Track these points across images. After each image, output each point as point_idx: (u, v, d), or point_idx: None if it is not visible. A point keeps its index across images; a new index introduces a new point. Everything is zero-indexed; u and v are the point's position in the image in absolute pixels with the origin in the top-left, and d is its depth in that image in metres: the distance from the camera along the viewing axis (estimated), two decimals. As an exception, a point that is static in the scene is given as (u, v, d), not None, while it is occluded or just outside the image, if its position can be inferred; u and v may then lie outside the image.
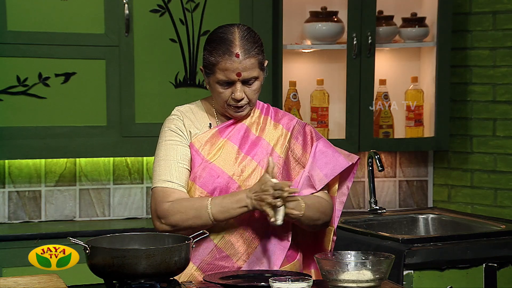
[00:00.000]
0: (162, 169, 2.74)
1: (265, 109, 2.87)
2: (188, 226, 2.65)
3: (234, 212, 2.64)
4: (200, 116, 2.83)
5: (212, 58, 2.70)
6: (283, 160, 2.78)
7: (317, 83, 4.42)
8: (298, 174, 2.81)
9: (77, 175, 4.24)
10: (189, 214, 2.65)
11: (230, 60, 2.68)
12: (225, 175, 2.72)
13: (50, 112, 3.97)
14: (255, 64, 2.71)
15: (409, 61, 4.60)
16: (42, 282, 2.51)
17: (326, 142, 2.87)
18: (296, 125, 2.86)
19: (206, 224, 2.65)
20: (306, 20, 4.39)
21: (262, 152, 2.77)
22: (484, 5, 4.46)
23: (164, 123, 2.82)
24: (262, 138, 2.80)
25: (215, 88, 2.74)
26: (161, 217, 2.69)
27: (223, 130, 2.79)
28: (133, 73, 4.06)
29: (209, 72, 2.73)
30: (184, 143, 2.77)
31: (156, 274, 2.35)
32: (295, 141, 2.83)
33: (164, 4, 4.08)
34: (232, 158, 2.75)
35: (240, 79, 2.69)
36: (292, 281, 2.29)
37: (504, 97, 4.42)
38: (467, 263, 3.53)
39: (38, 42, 3.93)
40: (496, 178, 4.45)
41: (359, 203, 4.63)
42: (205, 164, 2.73)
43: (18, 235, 3.87)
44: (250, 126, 2.81)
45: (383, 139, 4.45)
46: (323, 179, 2.80)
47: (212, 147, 2.76)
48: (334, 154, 2.84)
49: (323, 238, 2.87)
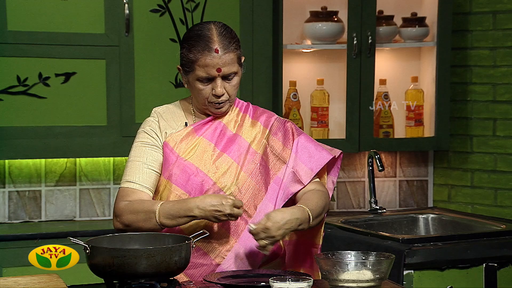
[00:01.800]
0: (128, 170, 2.77)
1: (244, 107, 2.88)
2: (138, 227, 2.66)
3: (181, 220, 2.63)
4: (177, 115, 2.84)
5: (191, 55, 2.71)
6: (260, 156, 2.78)
7: (317, 83, 4.42)
8: (279, 170, 2.80)
9: (77, 175, 4.24)
10: (139, 216, 2.67)
11: (210, 56, 2.69)
12: (200, 172, 2.72)
13: (50, 112, 3.97)
14: (234, 59, 2.73)
15: (409, 61, 4.60)
16: (42, 282, 2.51)
17: (307, 137, 2.87)
18: (275, 121, 2.86)
19: (155, 228, 2.65)
20: (306, 20, 4.39)
21: (238, 149, 2.78)
22: (484, 5, 4.46)
23: (142, 124, 2.85)
24: (239, 136, 2.80)
25: (195, 86, 2.75)
26: (116, 215, 2.72)
27: (199, 128, 2.80)
28: (133, 73, 4.06)
29: (188, 70, 2.74)
30: (155, 146, 2.78)
31: (156, 274, 2.35)
32: (275, 137, 2.83)
33: (164, 4, 4.08)
34: (208, 155, 2.75)
35: (220, 74, 2.71)
36: (292, 281, 2.29)
37: (504, 97, 4.42)
38: (467, 263, 3.53)
39: (38, 42, 3.93)
40: (496, 178, 4.45)
41: (359, 203, 4.63)
42: (179, 162, 2.74)
43: (18, 235, 3.87)
44: (227, 123, 2.82)
45: (383, 139, 4.45)
46: (308, 172, 2.80)
47: (187, 145, 2.76)
48: (316, 148, 2.84)
49: (311, 232, 2.85)
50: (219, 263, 2.69)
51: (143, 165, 2.76)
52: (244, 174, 2.74)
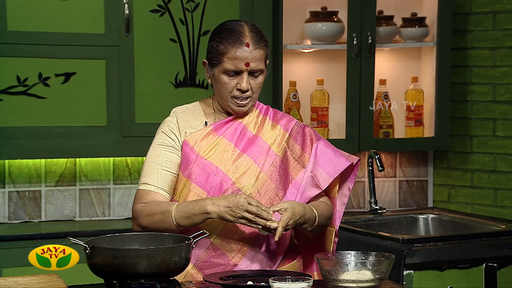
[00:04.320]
0: (144, 172, 2.78)
1: (264, 109, 2.88)
2: (155, 228, 2.67)
3: (196, 218, 2.63)
4: (197, 115, 2.84)
5: (221, 46, 2.71)
6: (280, 158, 2.78)
7: (317, 83, 4.42)
8: (298, 173, 2.81)
9: (77, 175, 4.24)
10: (155, 218, 2.67)
11: (241, 49, 2.70)
12: (220, 171, 2.72)
13: (50, 112, 3.97)
14: (263, 56, 2.74)
15: (409, 61, 4.60)
16: (42, 282, 2.51)
17: (326, 143, 2.88)
18: (295, 126, 2.87)
19: (172, 229, 2.65)
20: (306, 20, 4.39)
21: (258, 150, 2.77)
22: (484, 5, 4.46)
23: (161, 125, 2.85)
24: (259, 137, 2.80)
25: (220, 79, 2.74)
26: (134, 218, 2.74)
27: (219, 128, 2.80)
28: (133, 73, 4.06)
29: (215, 63, 2.74)
30: (172, 147, 2.78)
31: (156, 274, 2.35)
32: (294, 142, 2.84)
33: (164, 4, 4.08)
34: (228, 155, 2.75)
35: (248, 69, 2.71)
36: (292, 281, 2.29)
37: (504, 97, 4.42)
38: (467, 263, 3.53)
39: (38, 42, 3.93)
40: (496, 178, 4.45)
41: (359, 203, 4.63)
42: (199, 160, 2.73)
43: (18, 235, 3.87)
44: (247, 124, 2.82)
45: (383, 139, 4.45)
46: (327, 178, 2.80)
47: (207, 144, 2.76)
48: (335, 154, 2.85)
49: (324, 239, 2.87)
50: (237, 263, 2.70)
51: (158, 166, 2.76)
52: (264, 175, 2.74)
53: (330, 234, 2.86)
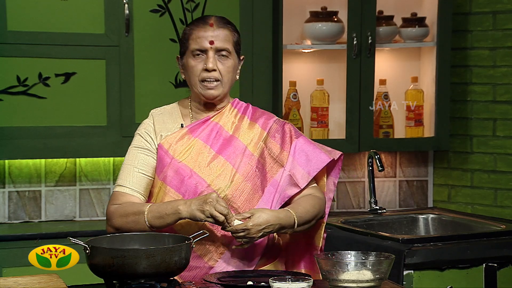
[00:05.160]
0: (121, 174, 2.80)
1: (243, 108, 2.87)
2: (128, 229, 2.67)
3: (168, 218, 2.63)
4: (174, 117, 2.85)
5: (187, 29, 2.80)
6: (256, 158, 2.77)
7: (317, 83, 4.42)
8: (276, 172, 2.80)
9: (77, 175, 4.24)
10: (128, 219, 2.68)
11: (204, 29, 2.76)
12: (195, 174, 2.72)
13: (50, 112, 3.97)
14: (229, 37, 2.77)
15: (409, 61, 4.60)
16: (42, 282, 2.51)
17: (306, 140, 2.86)
18: (273, 124, 2.85)
19: (145, 230, 2.65)
20: (306, 20, 4.39)
21: (234, 151, 2.77)
22: (484, 5, 4.46)
23: (138, 127, 2.86)
24: (236, 137, 2.80)
25: (188, 64, 2.78)
26: (107, 219, 2.75)
27: (194, 129, 2.79)
28: (133, 73, 4.06)
29: (184, 50, 2.79)
30: (147, 149, 2.79)
31: (156, 274, 2.35)
32: (273, 140, 2.82)
33: (164, 4, 4.08)
34: (203, 157, 2.75)
35: (212, 47, 2.74)
36: (292, 281, 2.29)
37: (504, 97, 4.42)
38: (467, 263, 3.53)
39: (38, 42, 3.93)
40: (496, 178, 4.45)
41: (359, 203, 4.63)
42: (174, 163, 2.73)
43: (18, 235, 3.87)
44: (223, 124, 2.81)
45: (383, 139, 4.45)
46: (305, 176, 2.79)
47: (182, 147, 2.76)
48: (314, 151, 2.83)
49: (314, 235, 2.85)
50: (212, 266, 2.69)
51: (134, 169, 2.77)
52: (239, 176, 2.73)
53: (320, 229, 2.84)
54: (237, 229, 2.58)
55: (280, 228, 2.66)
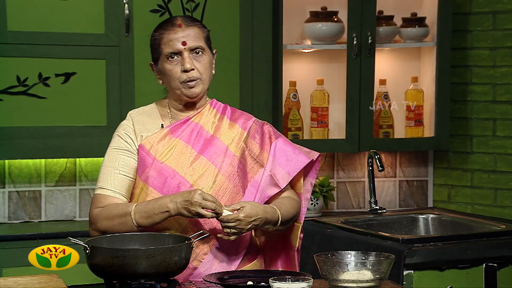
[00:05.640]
0: (101, 177, 2.78)
1: (221, 108, 2.87)
2: (115, 231, 2.66)
3: (156, 217, 2.63)
4: (153, 117, 2.84)
5: (156, 35, 2.78)
6: (238, 159, 2.77)
7: (317, 83, 4.42)
8: (256, 173, 2.80)
9: (77, 175, 4.24)
10: (114, 221, 2.67)
11: (173, 31, 2.75)
12: (177, 174, 2.71)
13: (50, 112, 3.97)
14: (200, 34, 2.77)
15: (409, 61, 4.60)
16: (42, 282, 2.51)
17: (285, 140, 2.87)
18: (253, 124, 2.86)
19: (132, 230, 2.64)
20: (306, 20, 4.39)
21: (215, 151, 2.77)
22: (484, 5, 4.46)
23: (117, 128, 2.85)
24: (217, 137, 2.79)
25: (165, 68, 2.77)
26: (91, 223, 2.73)
27: (175, 130, 2.79)
28: (133, 73, 4.06)
29: (157, 56, 2.78)
30: (128, 150, 2.78)
31: (156, 274, 2.35)
32: (253, 140, 2.83)
33: (164, 4, 4.08)
34: (185, 157, 2.75)
35: (186, 47, 2.73)
36: (292, 281, 2.29)
37: (504, 97, 4.42)
38: (467, 263, 3.53)
39: (38, 42, 3.93)
40: (496, 178, 4.45)
41: (359, 203, 4.63)
42: (156, 164, 2.73)
43: (18, 235, 3.87)
44: (204, 125, 2.81)
45: (383, 139, 4.45)
46: (285, 176, 2.80)
47: (164, 147, 2.76)
48: (294, 151, 2.85)
49: (290, 235, 2.87)
50: (196, 266, 2.69)
51: (115, 170, 2.75)
52: (222, 176, 2.73)
53: (296, 229, 2.85)
54: (229, 219, 2.58)
55: (265, 223, 2.67)
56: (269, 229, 2.71)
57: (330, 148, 4.41)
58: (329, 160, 4.58)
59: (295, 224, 2.85)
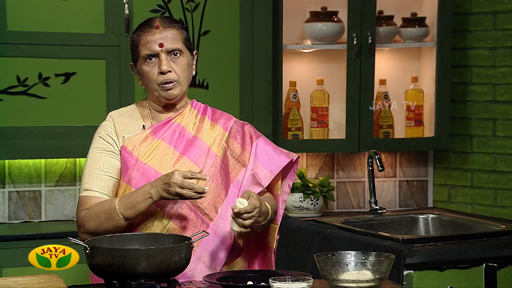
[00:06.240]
0: (85, 178, 2.78)
1: (202, 109, 2.88)
2: (104, 230, 2.66)
3: (140, 206, 2.64)
4: (134, 118, 2.84)
5: (134, 36, 2.78)
6: (220, 159, 2.78)
7: (317, 83, 4.42)
8: (238, 173, 2.81)
9: (77, 175, 4.24)
10: (101, 218, 2.67)
11: (151, 32, 2.74)
12: (160, 175, 2.71)
13: (50, 112, 3.97)
14: (178, 36, 2.76)
15: (409, 61, 4.60)
16: (42, 282, 2.51)
17: (266, 140, 2.88)
18: (234, 124, 2.87)
19: (120, 225, 2.65)
20: (306, 20, 4.39)
21: (198, 151, 2.77)
22: (484, 5, 4.46)
23: (97, 129, 2.85)
24: (199, 138, 2.80)
25: (143, 70, 2.77)
26: (79, 226, 2.73)
27: (157, 131, 2.79)
28: (133, 73, 4.05)
29: (136, 57, 2.79)
30: (110, 151, 2.78)
31: (156, 274, 2.35)
32: (234, 141, 2.84)
33: (164, 4, 4.08)
34: (167, 158, 2.75)
35: (163, 49, 2.73)
36: (292, 281, 2.29)
37: (504, 97, 4.42)
38: (467, 263, 3.53)
39: (38, 42, 3.93)
40: (496, 178, 4.45)
41: (359, 203, 4.63)
42: (139, 165, 2.73)
43: (18, 235, 3.87)
44: (185, 125, 2.81)
45: (383, 139, 4.45)
46: (268, 175, 2.81)
47: (146, 148, 2.76)
48: (275, 151, 2.86)
49: (267, 236, 2.87)
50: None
51: (100, 172, 2.76)
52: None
53: (273, 231, 2.85)
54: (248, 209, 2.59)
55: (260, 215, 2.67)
56: (260, 222, 2.70)
57: (330, 148, 4.41)
58: (329, 160, 4.58)
59: (272, 226, 2.85)
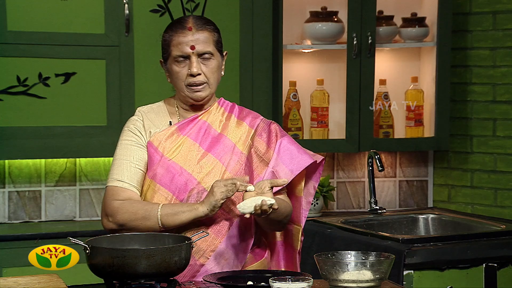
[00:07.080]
0: (115, 169, 2.79)
1: (229, 107, 2.88)
2: (134, 226, 2.66)
3: (183, 216, 2.65)
4: (162, 115, 2.85)
5: (166, 35, 2.79)
6: (245, 156, 2.78)
7: (317, 83, 4.42)
8: (262, 171, 2.81)
9: (77, 175, 4.24)
10: (137, 215, 2.67)
11: (183, 34, 2.75)
12: (185, 172, 2.72)
13: (50, 112, 3.97)
14: (209, 38, 2.76)
15: (409, 61, 4.60)
16: (42, 282, 2.51)
17: (290, 139, 2.88)
18: (260, 122, 2.87)
19: (153, 227, 2.65)
20: (306, 20, 4.39)
21: (223, 149, 2.78)
22: (484, 5, 4.46)
23: (126, 123, 2.86)
24: (224, 135, 2.80)
25: (173, 69, 2.78)
26: (109, 215, 2.72)
27: (183, 127, 2.80)
28: (133, 73, 4.06)
29: (166, 56, 2.80)
30: (140, 144, 2.79)
31: (156, 274, 2.35)
32: (259, 138, 2.84)
33: (164, 4, 4.08)
34: (192, 155, 2.76)
35: (194, 52, 2.74)
36: (292, 281, 2.29)
37: (504, 97, 4.42)
38: (467, 263, 3.53)
39: (38, 42, 3.93)
40: (496, 178, 4.45)
41: (359, 203, 4.63)
42: (164, 161, 2.74)
43: (18, 235, 3.87)
44: (212, 123, 2.82)
45: (383, 139, 4.45)
46: (288, 174, 2.80)
47: (172, 145, 2.77)
48: (299, 151, 2.85)
49: (291, 237, 2.88)
50: (203, 263, 2.69)
51: (131, 164, 2.77)
52: (229, 174, 2.74)
53: (297, 232, 2.86)
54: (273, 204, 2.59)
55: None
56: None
57: (330, 148, 4.41)
58: (329, 160, 4.58)
59: (296, 227, 2.86)
